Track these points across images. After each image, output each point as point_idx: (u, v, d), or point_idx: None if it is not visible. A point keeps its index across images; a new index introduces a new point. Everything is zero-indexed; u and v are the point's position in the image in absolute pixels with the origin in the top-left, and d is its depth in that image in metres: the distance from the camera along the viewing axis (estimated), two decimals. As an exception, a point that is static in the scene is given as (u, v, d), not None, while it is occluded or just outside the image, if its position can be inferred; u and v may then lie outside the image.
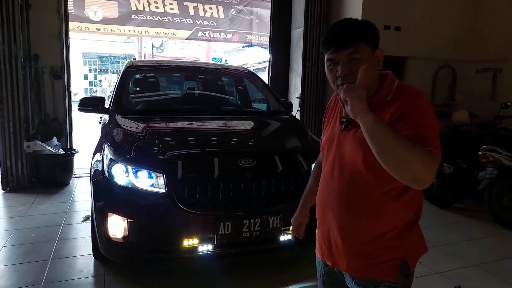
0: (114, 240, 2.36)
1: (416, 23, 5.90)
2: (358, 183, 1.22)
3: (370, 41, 1.20)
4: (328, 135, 1.36)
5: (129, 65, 3.93)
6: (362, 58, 1.17)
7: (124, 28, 8.85)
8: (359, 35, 1.18)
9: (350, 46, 1.16)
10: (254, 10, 9.99)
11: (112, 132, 2.85)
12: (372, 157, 1.12)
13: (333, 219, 1.29)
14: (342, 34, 1.18)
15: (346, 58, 1.17)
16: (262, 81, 4.38)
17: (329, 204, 1.30)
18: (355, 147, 1.21)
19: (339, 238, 1.28)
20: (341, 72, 1.17)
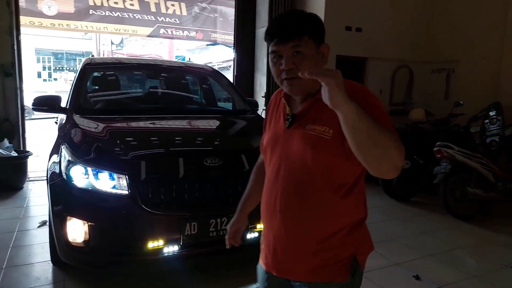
0: (74, 244, 2.27)
1: (376, 25, 6.11)
2: (307, 183, 1.16)
3: (314, 35, 1.15)
4: (270, 134, 1.29)
5: (87, 62, 3.78)
6: (305, 53, 1.13)
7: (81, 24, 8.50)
8: (303, 28, 1.13)
9: (294, 39, 1.11)
10: (218, 8, 9.92)
11: (70, 132, 2.73)
12: (322, 155, 1.12)
13: (281, 224, 1.21)
14: (286, 26, 1.13)
15: (290, 51, 1.12)
16: (227, 79, 4.36)
17: (276, 208, 1.22)
18: (304, 145, 1.15)
19: (288, 243, 1.21)
20: (285, 65, 1.13)
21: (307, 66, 1.11)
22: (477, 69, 6.02)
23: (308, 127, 1.15)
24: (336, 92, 0.90)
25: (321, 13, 5.68)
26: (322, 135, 1.12)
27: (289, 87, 1.17)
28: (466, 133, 5.01)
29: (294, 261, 1.21)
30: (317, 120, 1.15)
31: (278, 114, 1.29)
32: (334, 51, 5.81)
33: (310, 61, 1.13)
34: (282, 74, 1.15)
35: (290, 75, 1.13)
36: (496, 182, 4.21)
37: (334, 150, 1.11)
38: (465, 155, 4.20)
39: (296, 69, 1.11)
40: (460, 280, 2.90)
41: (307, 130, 1.15)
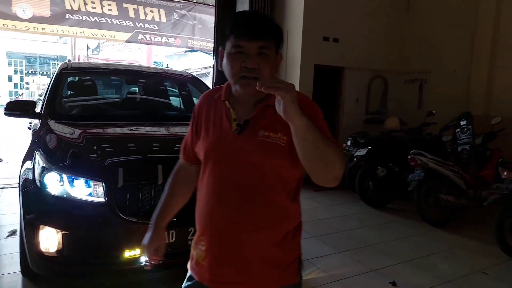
0: (46, 254, 2.19)
1: (352, 36, 6.26)
2: (262, 190, 1.14)
3: (277, 42, 1.16)
4: (213, 140, 1.20)
5: (63, 67, 3.70)
6: (270, 56, 1.12)
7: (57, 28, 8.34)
8: (272, 32, 1.13)
9: (264, 39, 1.10)
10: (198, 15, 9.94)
11: (44, 138, 2.65)
12: (279, 161, 1.12)
13: (235, 235, 1.15)
14: (257, 25, 1.11)
15: (256, 51, 1.10)
16: (206, 86, 4.36)
17: (229, 220, 1.15)
18: (260, 152, 1.12)
19: (244, 254, 1.15)
20: (250, 64, 1.09)
21: (267, 68, 1.11)
22: (448, 80, 6.26)
23: (262, 133, 1.13)
24: (290, 106, 0.92)
25: (299, 24, 5.79)
26: (278, 142, 1.12)
27: (246, 87, 1.11)
28: (438, 141, 5.18)
29: (250, 272, 1.17)
30: (271, 127, 1.13)
31: (218, 118, 1.21)
32: (312, 60, 5.93)
33: (272, 65, 1.13)
34: (242, 71, 1.10)
35: (252, 74, 1.09)
36: (467, 189, 4.36)
37: (288, 156, 1.11)
38: (438, 163, 4.33)
39: (259, 70, 1.09)
40: (434, 286, 2.97)
41: (261, 137, 1.13)
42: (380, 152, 5.08)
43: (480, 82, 5.82)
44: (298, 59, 5.84)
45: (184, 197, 1.41)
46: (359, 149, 5.11)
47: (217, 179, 1.18)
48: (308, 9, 5.77)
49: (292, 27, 5.97)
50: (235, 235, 1.15)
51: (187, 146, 1.36)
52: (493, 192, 3.97)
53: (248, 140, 1.14)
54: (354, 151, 5.19)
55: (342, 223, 4.31)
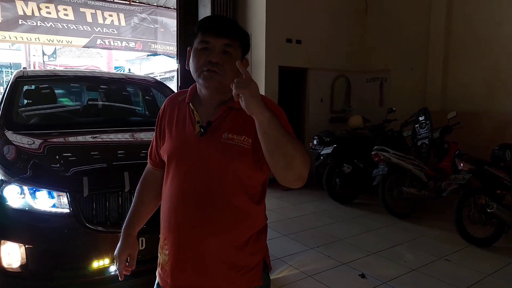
0: (9, 270, 2.09)
1: (314, 37, 6.41)
2: (224, 193, 1.13)
3: (243, 45, 1.19)
4: (176, 142, 1.19)
5: (19, 75, 3.55)
6: (234, 55, 1.14)
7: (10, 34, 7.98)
8: (237, 32, 1.16)
9: (229, 37, 1.13)
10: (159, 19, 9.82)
11: (1, 150, 2.53)
12: (242, 164, 1.11)
13: (196, 240, 1.14)
14: (224, 23, 1.16)
15: (221, 48, 1.13)
16: (171, 90, 4.31)
17: (190, 224, 1.14)
18: (222, 154, 1.12)
19: (205, 258, 1.14)
20: (214, 58, 1.11)
21: (231, 67, 1.12)
22: (406, 78, 6.54)
23: (225, 136, 1.13)
24: (250, 100, 0.95)
25: (262, 26, 5.86)
26: (242, 144, 1.11)
27: (209, 80, 1.13)
28: (400, 137, 5.40)
29: (210, 275, 1.16)
30: (234, 129, 1.13)
31: (181, 120, 1.21)
32: (276, 62, 6.01)
33: (234, 65, 1.11)
34: (205, 65, 1.13)
35: (215, 68, 1.12)
36: (428, 181, 4.57)
37: (252, 158, 1.11)
38: (400, 157, 4.52)
39: (221, 66, 1.12)
40: (402, 275, 3.10)
41: (224, 139, 1.12)
42: (345, 150, 5.22)
43: (435, 79, 6.13)
44: (263, 61, 5.90)
45: (153, 203, 1.39)
46: (325, 148, 5.24)
47: (179, 182, 1.17)
48: (270, 12, 5.85)
49: (255, 30, 6.02)
50: (195, 239, 1.14)
51: (153, 150, 1.35)
52: (451, 182, 4.19)
53: (210, 142, 1.14)
54: (320, 149, 5.30)
55: (311, 220, 4.40)
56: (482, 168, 3.94)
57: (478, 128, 5.41)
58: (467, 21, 5.75)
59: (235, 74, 1.11)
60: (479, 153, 4.57)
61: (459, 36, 5.88)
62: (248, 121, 1.06)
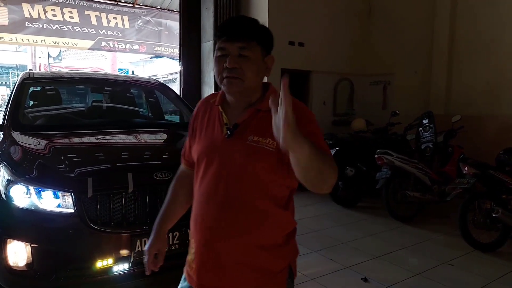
0: (15, 269, 2.11)
1: (317, 40, 6.42)
2: (250, 195, 1.13)
3: (262, 43, 1.18)
4: (205, 144, 1.22)
5: (25, 77, 3.58)
6: (251, 57, 1.14)
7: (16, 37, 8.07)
8: (253, 33, 1.15)
9: (242, 40, 1.13)
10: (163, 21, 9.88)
11: (8, 150, 2.56)
12: (266, 167, 1.11)
13: (223, 239, 1.15)
14: (237, 26, 1.16)
15: (236, 51, 1.13)
16: (174, 92, 4.34)
17: (216, 222, 1.16)
18: (247, 157, 1.13)
19: (230, 259, 1.15)
20: (229, 63, 1.13)
21: (250, 69, 1.14)
22: (410, 81, 6.54)
23: (251, 138, 1.13)
24: (289, 134, 0.85)
25: (266, 29, 5.87)
26: (266, 147, 1.11)
27: (228, 85, 1.15)
28: (403, 140, 5.40)
29: (236, 277, 1.16)
30: (260, 132, 1.13)
31: (212, 122, 1.24)
32: (278, 64, 6.00)
33: (254, 65, 1.14)
34: (224, 71, 1.14)
35: (232, 74, 1.13)
36: (432, 185, 4.56)
37: (276, 161, 1.11)
38: (403, 160, 4.51)
39: (240, 70, 1.13)
40: (405, 279, 3.09)
41: (250, 141, 1.13)
42: (348, 153, 5.22)
43: (439, 82, 6.12)
44: (266, 64, 5.91)
45: (185, 202, 1.40)
46: (328, 150, 5.23)
47: (205, 183, 1.19)
48: (273, 14, 5.88)
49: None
50: (219, 239, 1.15)
51: (186, 150, 1.38)
52: (456, 186, 4.18)
53: (236, 144, 1.15)
54: None
55: (315, 223, 4.39)
56: (487, 173, 3.93)
57: (482, 132, 5.40)
58: (472, 23, 5.75)
59: (255, 76, 1.15)
60: (484, 157, 4.54)
61: (464, 38, 5.87)
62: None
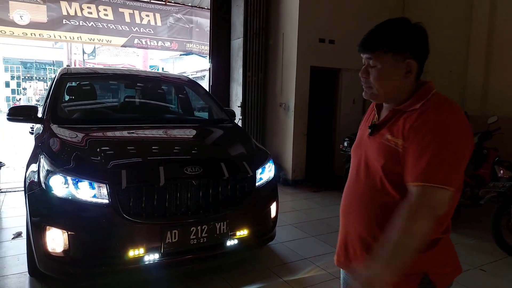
0: (53, 254, 2.24)
1: (348, 37, 6.33)
2: (380, 190, 1.17)
3: (393, 49, 1.13)
4: (357, 138, 1.35)
5: (63, 72, 3.75)
6: (378, 66, 1.16)
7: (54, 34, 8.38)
8: (380, 41, 1.15)
9: (367, 52, 1.18)
10: (194, 19, 10.01)
11: (48, 142, 2.70)
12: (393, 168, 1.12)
13: (353, 224, 1.26)
14: (366, 37, 1.20)
15: (366, 61, 1.20)
16: (204, 89, 4.41)
17: (351, 208, 1.27)
18: (378, 153, 1.18)
19: (358, 244, 1.23)
20: (360, 73, 1.22)
21: (376, 78, 1.18)
22: (444, 81, 6.33)
23: (386, 137, 1.17)
24: None
25: (295, 26, 5.85)
26: (396, 147, 1.13)
27: (363, 93, 1.26)
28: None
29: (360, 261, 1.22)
30: (393, 131, 1.16)
31: (369, 119, 1.33)
32: (308, 62, 6.00)
33: (382, 74, 1.16)
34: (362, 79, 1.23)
35: (364, 84, 1.22)
36: (464, 188, 4.41)
37: (399, 160, 1.11)
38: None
39: (368, 78, 1.20)
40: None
41: (384, 140, 1.17)
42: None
43: (476, 82, 5.90)
44: (294, 61, 5.90)
45: None
46: (356, 149, 5.17)
47: (352, 173, 1.31)
48: (303, 11, 5.84)
49: (287, 29, 6.04)
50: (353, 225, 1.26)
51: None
52: (490, 190, 4.03)
53: (375, 142, 1.22)
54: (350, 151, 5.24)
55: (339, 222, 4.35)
56: (524, 176, 3.77)
57: (520, 134, 5.17)
58: (511, 22, 5.50)
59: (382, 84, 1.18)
60: (520, 160, 4.36)
61: (503, 37, 5.63)
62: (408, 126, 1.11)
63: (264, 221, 2.90)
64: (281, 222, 3.45)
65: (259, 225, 2.84)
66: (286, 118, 6.11)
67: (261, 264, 3.15)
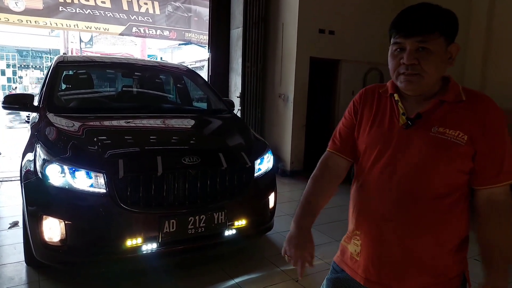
0: (50, 244, 2.24)
1: (348, 28, 6.29)
2: (431, 191, 1.05)
3: (445, 33, 1.05)
4: (377, 133, 1.15)
5: (59, 60, 3.70)
6: (432, 50, 1.03)
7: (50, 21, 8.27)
8: (434, 24, 1.04)
9: (422, 34, 1.02)
10: (193, 7, 9.90)
11: (44, 131, 2.67)
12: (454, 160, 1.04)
13: (392, 234, 1.09)
14: (415, 19, 1.05)
15: (415, 46, 1.03)
16: (203, 79, 4.38)
17: (386, 216, 1.09)
18: (431, 148, 1.04)
19: (401, 255, 1.09)
20: (407, 60, 1.04)
21: (431, 63, 1.04)
22: (442, 73, 6.32)
23: (435, 129, 1.05)
24: None
25: (295, 17, 5.80)
26: (456, 140, 1.03)
27: (405, 83, 1.07)
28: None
29: (404, 277, 1.10)
30: (447, 123, 1.05)
31: (382, 111, 1.17)
32: (307, 53, 5.96)
33: (436, 58, 1.04)
34: (401, 68, 1.07)
35: (410, 70, 1.04)
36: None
37: (466, 158, 1.04)
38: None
39: (418, 66, 1.04)
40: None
41: (434, 133, 1.05)
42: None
43: (473, 76, 5.88)
44: (294, 52, 5.86)
45: (330, 192, 1.31)
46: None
47: (376, 174, 1.13)
48: (303, 1, 5.78)
49: (287, 20, 5.98)
50: (394, 237, 1.09)
51: (343, 136, 1.27)
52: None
53: (417, 135, 1.07)
54: None
55: (338, 213, 4.36)
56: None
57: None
58: (510, 15, 5.47)
59: (437, 70, 1.06)
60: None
61: (501, 31, 5.59)
62: (465, 117, 1.04)
63: (262, 211, 2.91)
64: (279, 212, 3.46)
65: (257, 215, 2.85)
66: (285, 109, 6.09)
67: (259, 253, 3.16)
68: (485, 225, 1.08)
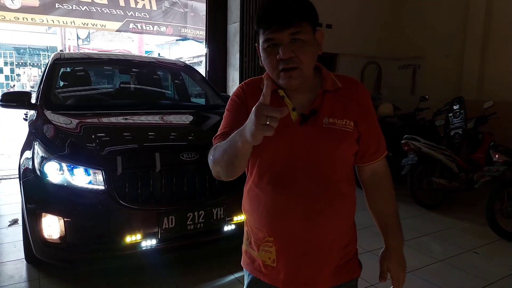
0: (50, 241, 2.24)
1: (345, 22, 6.27)
2: (331, 180, 1.08)
3: (312, 21, 1.04)
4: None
5: (56, 57, 3.69)
6: (305, 40, 1.01)
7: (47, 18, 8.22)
8: (303, 13, 1.01)
9: (294, 25, 0.99)
10: (189, 3, 9.84)
11: (42, 128, 2.67)
12: (347, 147, 1.09)
13: (310, 232, 1.07)
14: (285, 11, 0.99)
15: (288, 39, 0.99)
16: (200, 75, 4.37)
17: (303, 215, 1.06)
18: (327, 140, 1.06)
19: (317, 251, 1.09)
20: (284, 55, 0.99)
21: (307, 53, 1.02)
22: (441, 66, 6.31)
23: (326, 120, 1.06)
24: None
25: (293, 10, 5.77)
26: (345, 129, 1.07)
27: (287, 79, 1.03)
28: (431, 126, 5.25)
29: (321, 269, 1.11)
30: (334, 113, 1.08)
31: None
32: (305, 47, 5.94)
33: (310, 48, 1.03)
34: (280, 64, 1.02)
35: (289, 64, 1.01)
36: (459, 172, 4.44)
37: (355, 142, 1.11)
38: (430, 147, 4.41)
39: (296, 58, 1.01)
40: (427, 265, 3.07)
41: (326, 124, 1.06)
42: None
43: (472, 67, 5.88)
44: (292, 46, 5.84)
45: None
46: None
47: (277, 175, 1.07)
48: (301, -4, 5.75)
49: None
50: (312, 232, 1.07)
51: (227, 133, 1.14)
52: (484, 174, 4.06)
53: (312, 129, 1.06)
54: None
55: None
56: (519, 160, 3.79)
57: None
58: (509, 7, 5.45)
59: (311, 59, 1.05)
60: (516, 145, 4.38)
61: (500, 22, 5.59)
62: (347, 104, 1.10)
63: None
64: (277, 208, 3.48)
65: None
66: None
67: (258, 249, 3.17)
68: (373, 195, 1.23)
